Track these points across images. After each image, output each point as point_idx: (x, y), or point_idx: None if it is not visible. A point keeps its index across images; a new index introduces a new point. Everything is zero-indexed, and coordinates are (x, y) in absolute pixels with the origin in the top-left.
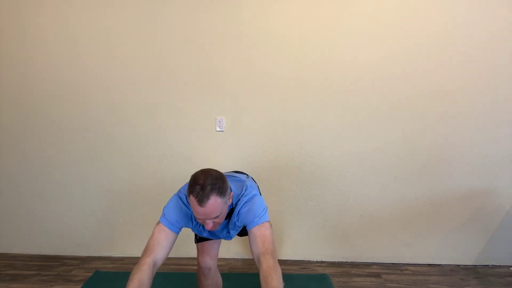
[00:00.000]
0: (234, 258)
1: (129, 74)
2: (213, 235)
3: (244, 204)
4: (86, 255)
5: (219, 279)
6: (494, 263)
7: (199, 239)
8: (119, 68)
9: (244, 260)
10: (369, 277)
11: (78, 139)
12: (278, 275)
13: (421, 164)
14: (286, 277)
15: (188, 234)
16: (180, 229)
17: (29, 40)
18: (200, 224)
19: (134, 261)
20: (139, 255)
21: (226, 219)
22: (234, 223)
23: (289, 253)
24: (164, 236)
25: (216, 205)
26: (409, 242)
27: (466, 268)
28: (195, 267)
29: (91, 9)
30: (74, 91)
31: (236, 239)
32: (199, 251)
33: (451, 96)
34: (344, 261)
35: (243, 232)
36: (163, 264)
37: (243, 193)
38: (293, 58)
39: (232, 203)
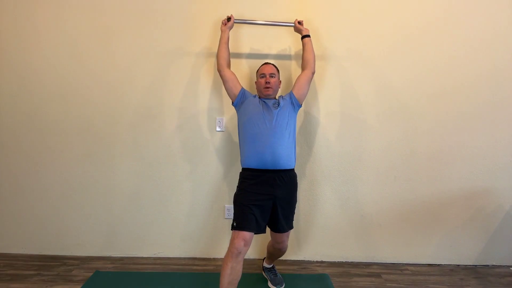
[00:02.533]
0: None
1: (129, 74)
2: (264, 105)
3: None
4: (86, 255)
5: (241, 270)
6: (494, 263)
7: (235, 227)
8: (119, 68)
9: (244, 260)
10: (369, 277)
11: (79, 139)
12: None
13: (421, 164)
14: (286, 277)
15: (188, 234)
16: (242, 90)
17: (28, 40)
18: (255, 99)
19: (134, 261)
20: (139, 255)
21: (274, 98)
22: (281, 97)
23: (289, 253)
24: (234, 75)
25: (274, 68)
26: (409, 242)
27: (466, 268)
28: (195, 267)
29: (91, 8)
30: (74, 91)
31: None
32: (234, 234)
33: (451, 96)
34: (344, 261)
35: (274, 221)
36: (162, 264)
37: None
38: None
39: (276, 97)
